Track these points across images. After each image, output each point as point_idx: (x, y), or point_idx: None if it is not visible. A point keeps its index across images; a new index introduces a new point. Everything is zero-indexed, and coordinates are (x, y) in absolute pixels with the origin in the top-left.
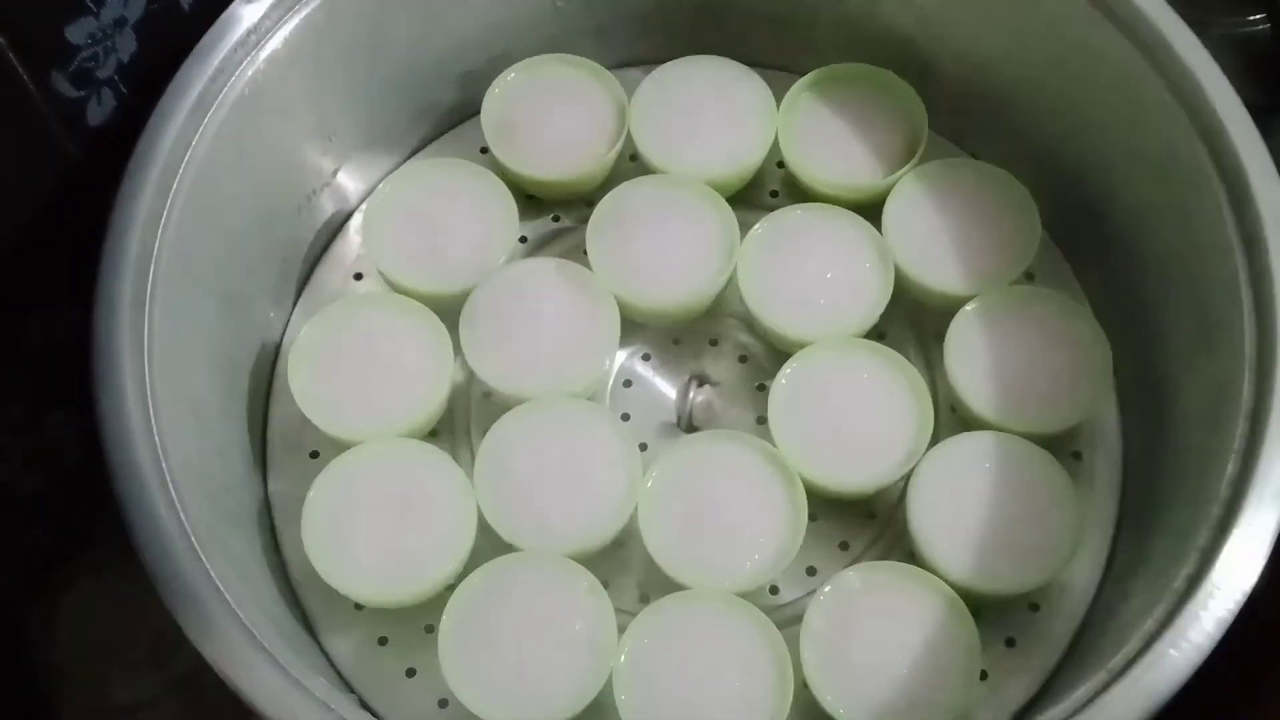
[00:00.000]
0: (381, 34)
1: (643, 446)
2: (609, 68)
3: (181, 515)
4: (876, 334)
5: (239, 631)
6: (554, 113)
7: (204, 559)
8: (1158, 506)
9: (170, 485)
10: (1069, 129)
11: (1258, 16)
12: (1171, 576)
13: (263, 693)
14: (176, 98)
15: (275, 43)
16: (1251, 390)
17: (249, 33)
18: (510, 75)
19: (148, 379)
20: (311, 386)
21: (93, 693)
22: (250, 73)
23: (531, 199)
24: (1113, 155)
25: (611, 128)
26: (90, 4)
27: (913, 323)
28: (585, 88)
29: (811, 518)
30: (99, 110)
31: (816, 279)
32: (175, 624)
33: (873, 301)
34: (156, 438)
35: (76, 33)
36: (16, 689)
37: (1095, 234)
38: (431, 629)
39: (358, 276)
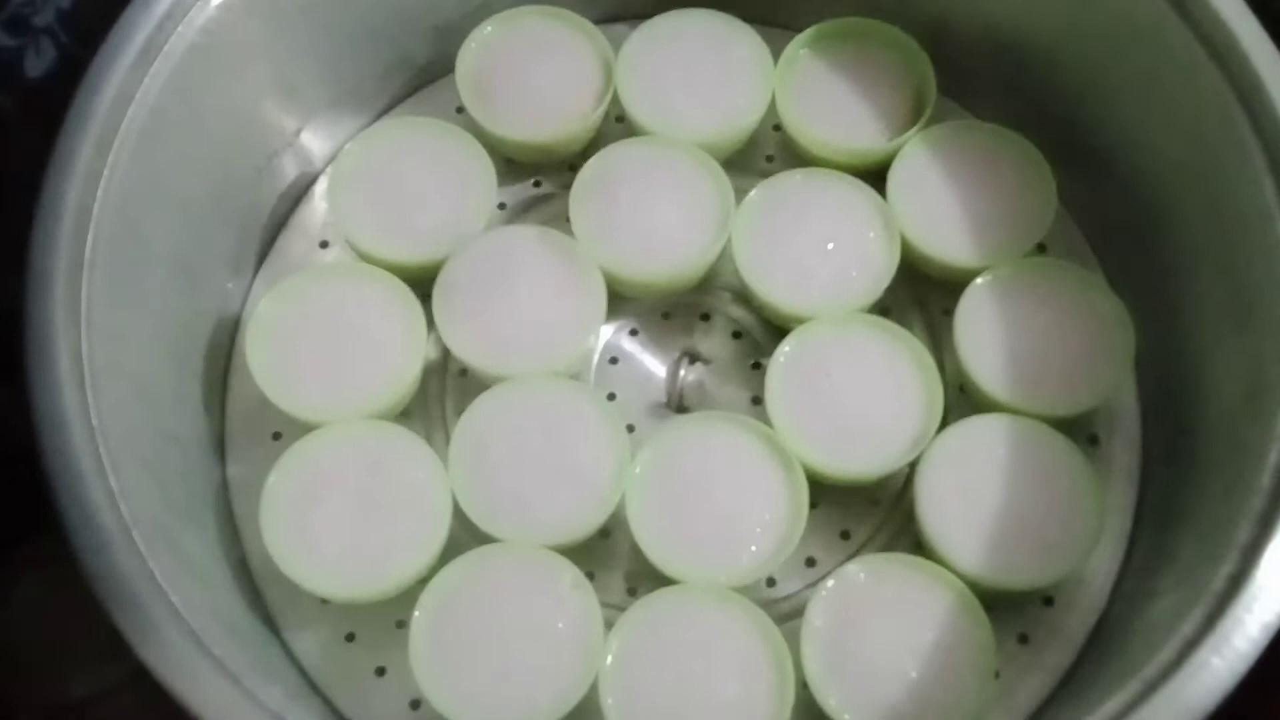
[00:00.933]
0: None
1: (630, 429)
2: (594, 21)
3: (121, 506)
4: (880, 308)
5: (183, 636)
6: (535, 69)
7: (145, 555)
8: (1183, 497)
9: (109, 472)
10: (1089, 88)
11: None
12: (1207, 575)
13: (208, 705)
14: (118, 46)
15: None
16: None
17: None
18: (487, 28)
19: (85, 353)
20: (273, 363)
21: (48, 684)
22: (201, 20)
23: (510, 162)
24: (1136, 117)
25: (597, 86)
26: None
27: (919, 297)
28: (568, 42)
29: (811, 505)
30: (37, 61)
31: (816, 249)
32: None
33: (877, 274)
34: (94, 418)
35: None
36: None
37: (1116, 202)
38: (403, 625)
39: (323, 245)
